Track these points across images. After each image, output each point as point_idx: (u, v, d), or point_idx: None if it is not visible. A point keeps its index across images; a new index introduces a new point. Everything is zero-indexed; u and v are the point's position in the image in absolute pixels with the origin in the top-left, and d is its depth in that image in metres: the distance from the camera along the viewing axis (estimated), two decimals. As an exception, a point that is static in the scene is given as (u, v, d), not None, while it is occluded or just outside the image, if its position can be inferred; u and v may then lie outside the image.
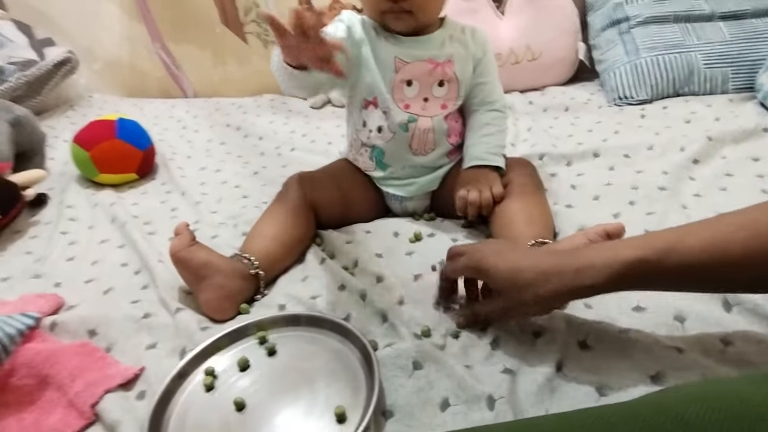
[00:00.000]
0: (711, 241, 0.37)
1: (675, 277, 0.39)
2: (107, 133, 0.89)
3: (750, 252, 0.36)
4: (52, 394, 0.49)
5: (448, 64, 0.65)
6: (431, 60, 0.65)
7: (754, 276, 0.38)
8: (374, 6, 0.62)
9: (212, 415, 0.44)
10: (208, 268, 0.55)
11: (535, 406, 0.41)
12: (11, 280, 0.67)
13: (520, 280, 0.42)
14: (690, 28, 1.06)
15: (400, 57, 0.64)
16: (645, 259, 0.38)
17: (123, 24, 1.39)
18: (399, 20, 0.62)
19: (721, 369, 0.41)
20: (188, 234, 0.57)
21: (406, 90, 0.65)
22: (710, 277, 0.39)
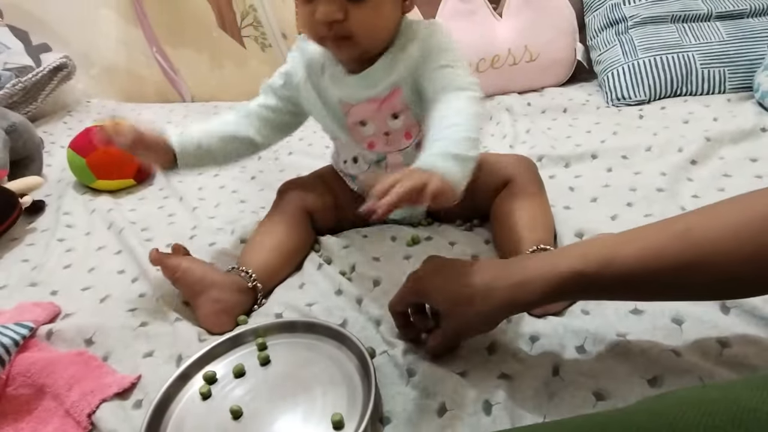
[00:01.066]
0: (644, 252, 0.37)
1: (613, 288, 0.38)
2: (104, 138, 0.88)
3: (682, 263, 0.35)
4: (48, 403, 0.48)
5: (394, 94, 0.57)
6: (373, 100, 0.58)
7: (689, 285, 0.37)
8: (312, 34, 0.54)
9: (209, 423, 0.44)
10: (204, 283, 0.55)
11: (533, 411, 0.41)
12: (8, 288, 0.67)
13: (460, 299, 0.41)
14: (687, 28, 1.05)
15: (345, 99, 0.59)
16: (582, 272, 0.38)
17: (120, 29, 1.39)
18: (340, 48, 0.54)
19: (719, 372, 0.41)
20: (168, 256, 0.56)
21: (362, 129, 0.60)
22: (647, 288, 0.38)
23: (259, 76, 1.51)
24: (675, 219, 0.38)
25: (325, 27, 0.51)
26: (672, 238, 0.36)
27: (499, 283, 0.40)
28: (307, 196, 0.66)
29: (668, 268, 0.36)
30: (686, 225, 0.37)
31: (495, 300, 0.40)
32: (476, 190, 0.64)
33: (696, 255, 0.35)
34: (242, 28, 1.34)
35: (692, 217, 0.38)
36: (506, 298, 0.40)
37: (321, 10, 0.49)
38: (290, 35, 1.34)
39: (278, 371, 0.48)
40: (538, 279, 0.39)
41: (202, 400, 0.46)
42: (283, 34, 1.34)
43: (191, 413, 0.45)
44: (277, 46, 1.34)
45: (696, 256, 0.35)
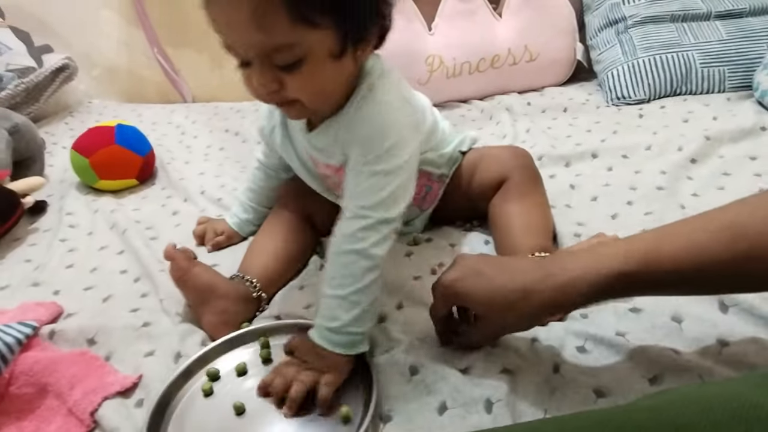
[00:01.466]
0: (689, 246, 0.37)
1: (658, 284, 0.38)
2: (106, 139, 0.89)
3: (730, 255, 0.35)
4: (51, 402, 0.49)
5: (342, 169, 0.52)
6: (327, 165, 0.55)
7: (734, 279, 0.37)
8: (256, 97, 0.48)
9: (211, 420, 0.44)
10: (210, 291, 0.54)
11: (534, 408, 0.41)
12: (10, 288, 0.67)
13: (499, 302, 0.40)
14: (687, 28, 1.06)
15: (311, 155, 0.56)
16: (625, 273, 0.38)
17: (121, 30, 1.39)
18: (289, 111, 0.49)
19: (719, 370, 0.41)
20: (182, 255, 0.56)
21: (331, 179, 0.58)
22: (695, 283, 0.38)
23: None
24: (717, 212, 0.38)
25: (265, 94, 0.47)
26: (718, 231, 0.36)
27: (540, 287, 0.39)
28: (305, 199, 0.66)
29: (716, 261, 0.35)
30: (732, 217, 0.36)
31: (536, 303, 0.39)
32: (472, 190, 0.64)
33: (746, 246, 0.35)
34: (243, 29, 1.34)
35: (736, 208, 0.37)
36: (548, 301, 0.39)
37: (256, 80, 0.45)
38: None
39: None
40: (580, 281, 0.38)
41: (204, 397, 0.47)
42: (283, 35, 1.34)
43: (193, 410, 0.46)
44: (277, 46, 1.35)
45: (746, 247, 0.35)
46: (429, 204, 0.66)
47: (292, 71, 0.44)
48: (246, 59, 0.45)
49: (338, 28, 0.43)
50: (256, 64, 0.44)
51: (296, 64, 0.44)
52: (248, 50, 0.44)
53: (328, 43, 0.44)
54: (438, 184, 0.65)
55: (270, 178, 0.70)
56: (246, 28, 0.41)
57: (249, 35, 0.42)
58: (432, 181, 0.64)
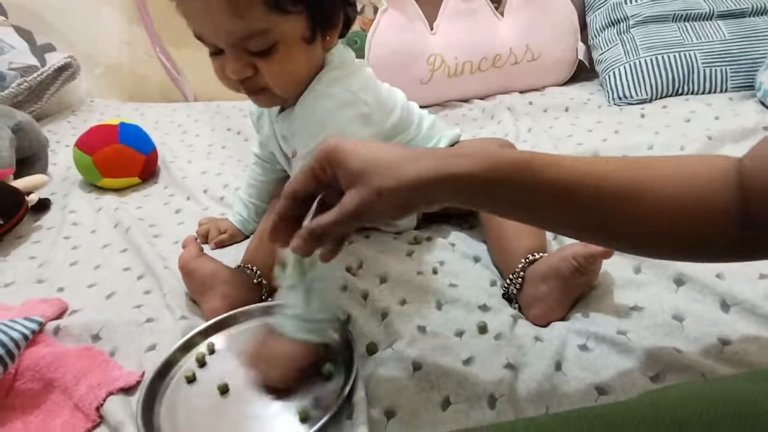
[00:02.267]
0: (593, 166, 0.34)
1: (548, 190, 0.33)
2: (109, 137, 0.89)
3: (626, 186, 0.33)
4: (57, 397, 0.49)
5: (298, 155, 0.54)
6: (293, 152, 0.56)
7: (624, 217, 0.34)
8: (227, 85, 0.50)
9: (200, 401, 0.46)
10: (215, 278, 0.56)
11: (535, 404, 0.41)
12: (15, 285, 0.68)
13: (384, 160, 0.33)
14: (689, 27, 1.06)
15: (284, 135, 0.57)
16: (523, 159, 0.33)
17: (123, 29, 1.39)
18: (258, 100, 0.52)
19: (720, 368, 0.42)
20: (196, 246, 0.58)
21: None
22: (582, 204, 0.34)
23: (262, 75, 1.49)
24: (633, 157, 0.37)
25: (237, 82, 0.48)
26: (624, 163, 0.35)
27: (432, 153, 0.35)
28: None
29: (611, 187, 0.33)
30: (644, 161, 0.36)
31: (424, 166, 0.33)
32: None
33: (642, 185, 0.33)
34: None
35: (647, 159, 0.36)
36: (438, 166, 0.33)
37: (229, 67, 0.47)
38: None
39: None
40: (478, 156, 0.33)
41: (187, 383, 0.48)
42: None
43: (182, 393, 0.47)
44: (279, 45, 1.35)
45: (642, 186, 0.33)
46: None
47: (265, 56, 0.46)
48: (218, 47, 0.47)
49: (309, 14, 0.45)
50: (229, 51, 0.46)
51: (270, 49, 0.45)
52: (222, 37, 0.45)
53: (299, 28, 0.46)
54: None
55: (267, 171, 0.70)
56: (221, 15, 0.43)
57: (224, 22, 0.43)
58: None
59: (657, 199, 0.33)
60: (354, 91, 0.52)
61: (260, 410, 0.44)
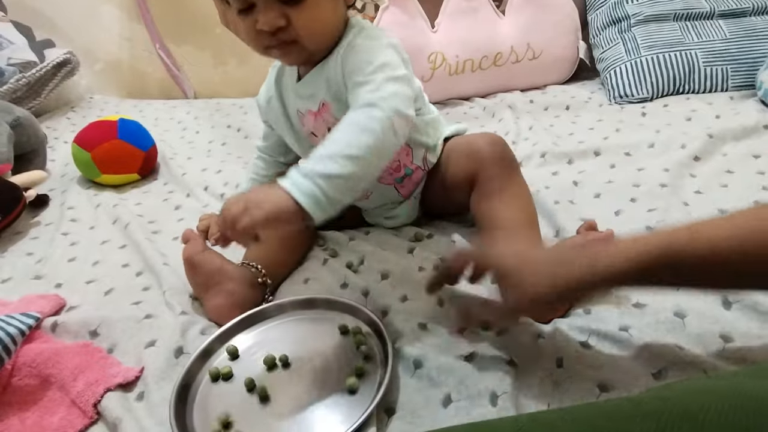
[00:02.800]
0: (736, 227, 0.34)
1: (703, 267, 0.35)
2: (108, 133, 0.89)
3: None
4: (54, 393, 0.49)
5: (323, 108, 0.55)
6: (309, 111, 0.57)
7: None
8: (256, 45, 0.52)
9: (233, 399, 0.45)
10: (221, 274, 0.55)
11: (537, 401, 0.41)
12: (12, 280, 0.67)
13: (531, 269, 0.37)
14: (690, 26, 1.06)
15: (299, 108, 0.59)
16: (669, 245, 0.34)
17: (123, 25, 1.39)
18: (287, 55, 0.52)
19: (722, 365, 0.41)
20: (200, 239, 0.58)
21: (316, 141, 0.58)
22: (740, 268, 0.35)
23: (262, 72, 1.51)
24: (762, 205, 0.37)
25: (269, 36, 0.49)
26: (763, 219, 0.34)
27: (577, 256, 0.37)
28: None
29: (758, 247, 0.33)
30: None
31: (570, 271, 0.36)
32: (447, 186, 0.62)
33: None
34: (245, 25, 1.34)
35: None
36: (583, 272, 0.36)
37: (262, 20, 0.48)
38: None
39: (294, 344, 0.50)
40: (620, 252, 0.35)
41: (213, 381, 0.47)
42: (286, 31, 1.34)
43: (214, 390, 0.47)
44: (280, 43, 1.35)
45: None
46: (408, 191, 0.64)
47: (297, 5, 0.48)
48: (249, 2, 0.48)
49: None
50: (262, 3, 0.48)
51: None
52: None
53: None
54: (419, 169, 0.63)
55: (269, 165, 0.71)
56: None
57: None
58: (412, 162, 0.61)
59: None
60: (393, 41, 0.54)
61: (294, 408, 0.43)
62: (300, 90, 0.57)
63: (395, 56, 0.52)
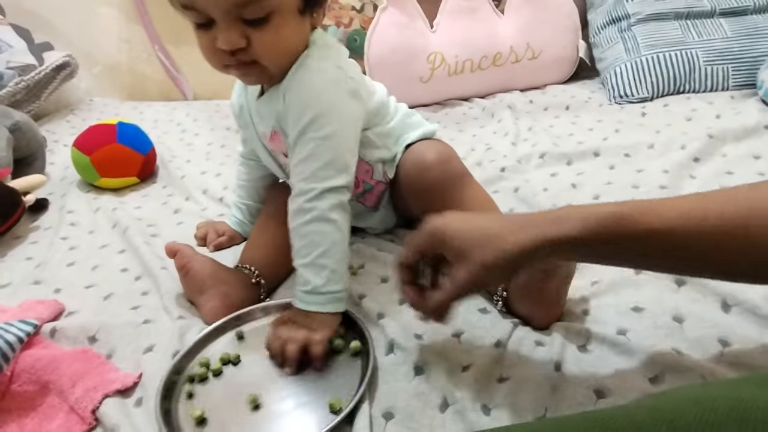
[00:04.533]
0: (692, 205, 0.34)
1: (652, 241, 0.34)
2: (107, 137, 0.89)
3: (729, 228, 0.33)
4: (53, 399, 0.49)
5: (275, 135, 0.55)
6: (264, 134, 0.56)
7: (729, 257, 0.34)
8: (215, 63, 0.49)
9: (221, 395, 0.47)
10: (214, 278, 0.55)
11: (534, 406, 0.41)
12: (11, 285, 0.67)
13: (484, 236, 0.36)
14: (691, 25, 1.05)
15: (256, 125, 0.58)
16: (622, 214, 0.34)
17: (122, 27, 1.39)
18: (247, 75, 0.51)
19: (720, 370, 0.41)
20: (185, 246, 0.58)
21: (279, 158, 0.59)
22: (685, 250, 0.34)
23: (261, 74, 1.47)
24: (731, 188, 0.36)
25: (228, 55, 0.47)
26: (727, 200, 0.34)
27: (531, 220, 0.37)
28: (286, 193, 0.66)
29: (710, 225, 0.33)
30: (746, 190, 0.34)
31: (524, 235, 0.35)
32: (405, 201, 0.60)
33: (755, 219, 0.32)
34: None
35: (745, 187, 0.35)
36: (535, 234, 0.35)
37: (222, 38, 0.46)
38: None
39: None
40: (575, 217, 0.35)
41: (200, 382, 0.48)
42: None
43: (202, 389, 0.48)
44: (278, 44, 1.34)
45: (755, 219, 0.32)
46: (373, 203, 0.63)
47: (260, 26, 0.46)
48: (209, 18, 0.46)
49: None
50: (223, 20, 0.46)
51: (265, 18, 0.46)
52: (219, 4, 0.45)
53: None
54: (379, 183, 0.61)
55: (252, 169, 0.70)
56: None
57: None
58: (371, 178, 0.60)
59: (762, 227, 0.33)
60: (342, 67, 0.52)
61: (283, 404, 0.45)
62: (259, 108, 0.56)
63: (339, 95, 0.51)
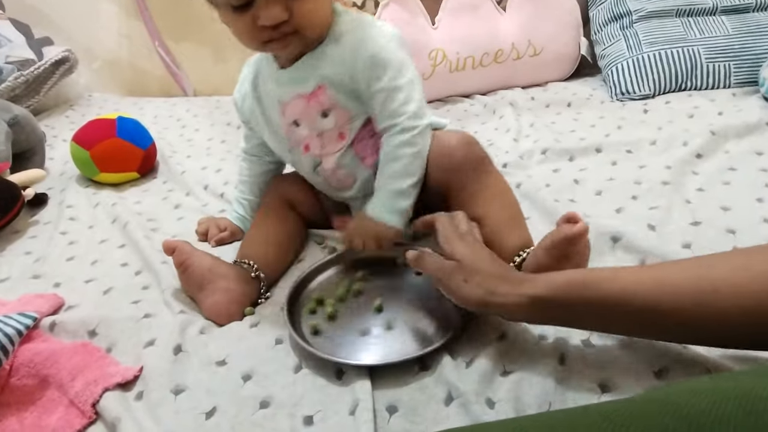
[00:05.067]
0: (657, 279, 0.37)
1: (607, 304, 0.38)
2: (107, 132, 0.88)
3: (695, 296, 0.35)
4: (52, 393, 0.48)
5: (319, 91, 0.56)
6: (299, 95, 0.57)
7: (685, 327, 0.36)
8: (254, 41, 0.53)
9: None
10: (213, 273, 0.55)
11: (538, 400, 0.41)
12: (10, 280, 0.67)
13: (475, 265, 0.45)
14: (692, 23, 1.05)
15: (280, 98, 0.59)
16: (577, 282, 0.39)
17: (122, 22, 1.38)
18: (287, 46, 0.53)
19: (725, 364, 0.41)
20: (183, 243, 0.57)
21: (296, 131, 0.59)
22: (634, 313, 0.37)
23: (261, 70, 1.48)
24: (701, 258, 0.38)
25: (270, 30, 0.50)
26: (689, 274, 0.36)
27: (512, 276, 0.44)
28: (289, 188, 0.67)
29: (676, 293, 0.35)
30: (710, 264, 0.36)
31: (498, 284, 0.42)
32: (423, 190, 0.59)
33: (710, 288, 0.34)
34: (244, 22, 1.34)
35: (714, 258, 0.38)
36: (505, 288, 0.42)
37: (265, 15, 0.49)
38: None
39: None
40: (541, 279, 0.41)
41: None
42: (285, 29, 1.34)
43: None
44: (279, 40, 1.34)
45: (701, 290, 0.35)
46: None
47: None
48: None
49: None
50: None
51: None
52: None
53: None
54: None
55: (254, 165, 0.71)
56: None
57: None
58: None
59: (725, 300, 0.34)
60: (392, 31, 0.57)
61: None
62: (287, 76, 0.57)
63: (402, 51, 0.56)
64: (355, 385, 0.44)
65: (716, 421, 0.24)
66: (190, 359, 0.49)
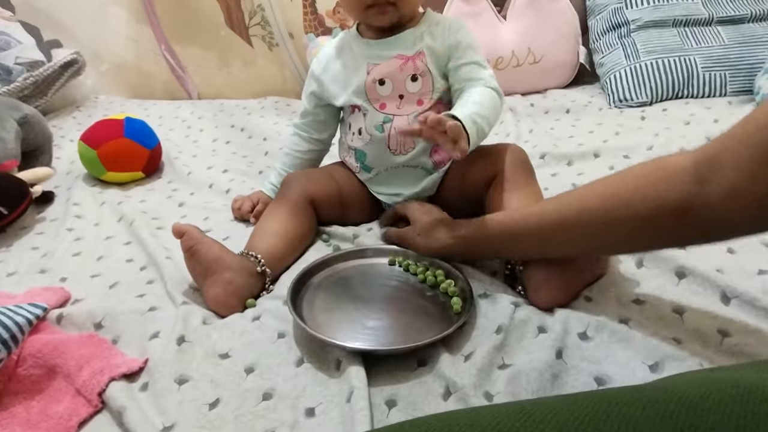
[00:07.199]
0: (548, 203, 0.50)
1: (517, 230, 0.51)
2: (115, 131, 0.90)
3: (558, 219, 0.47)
4: (59, 383, 0.49)
5: (419, 56, 0.65)
6: (400, 55, 0.65)
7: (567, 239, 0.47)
8: (358, 5, 0.63)
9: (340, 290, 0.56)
10: (219, 263, 0.56)
11: (535, 393, 0.42)
12: (17, 274, 0.68)
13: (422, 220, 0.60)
14: (689, 33, 1.07)
15: (370, 60, 0.66)
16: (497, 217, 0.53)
17: (129, 26, 1.41)
18: (384, 14, 0.63)
19: (720, 359, 0.42)
20: (193, 227, 0.58)
21: (379, 89, 0.65)
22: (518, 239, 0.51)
23: (265, 74, 1.52)
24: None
25: None
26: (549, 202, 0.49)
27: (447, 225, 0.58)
28: (311, 185, 0.67)
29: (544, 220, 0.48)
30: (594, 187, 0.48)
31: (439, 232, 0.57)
32: (466, 183, 0.65)
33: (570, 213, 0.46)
34: (250, 27, 1.36)
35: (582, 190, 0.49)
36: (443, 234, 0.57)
37: None
38: (297, 35, 1.36)
39: None
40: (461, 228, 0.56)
41: None
42: (290, 34, 1.36)
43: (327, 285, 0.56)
44: (284, 45, 1.36)
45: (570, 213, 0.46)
46: (440, 159, 0.68)
47: None
48: None
49: None
50: None
51: None
52: None
53: None
54: None
55: (303, 141, 0.75)
56: None
57: None
58: None
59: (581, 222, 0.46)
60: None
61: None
62: (392, 41, 0.66)
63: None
64: (350, 373, 0.44)
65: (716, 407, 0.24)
66: (194, 349, 0.50)
